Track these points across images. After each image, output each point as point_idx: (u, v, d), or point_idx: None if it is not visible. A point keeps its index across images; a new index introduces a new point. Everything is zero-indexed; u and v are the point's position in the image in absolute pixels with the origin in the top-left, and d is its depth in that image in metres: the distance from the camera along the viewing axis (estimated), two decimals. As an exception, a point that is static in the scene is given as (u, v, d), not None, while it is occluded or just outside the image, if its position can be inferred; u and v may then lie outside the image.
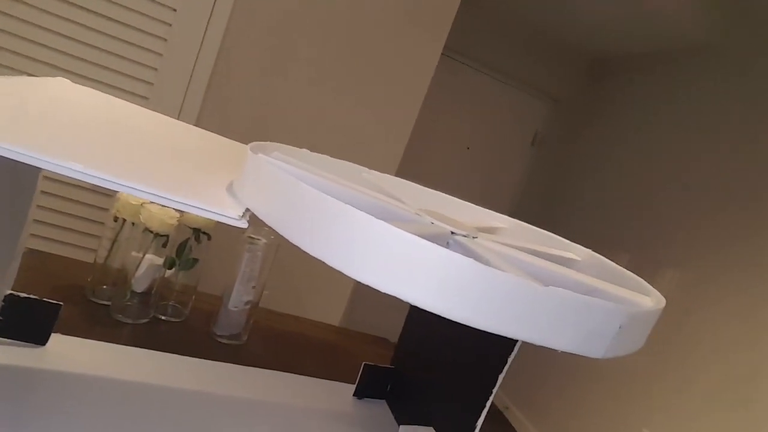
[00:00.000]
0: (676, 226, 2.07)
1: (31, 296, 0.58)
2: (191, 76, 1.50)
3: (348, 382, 0.76)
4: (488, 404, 0.57)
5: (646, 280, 0.42)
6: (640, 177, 2.32)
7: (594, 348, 0.29)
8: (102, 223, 0.77)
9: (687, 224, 2.03)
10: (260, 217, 0.29)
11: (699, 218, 1.98)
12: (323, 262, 0.26)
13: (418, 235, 0.25)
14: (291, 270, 1.81)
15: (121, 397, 0.57)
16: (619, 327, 0.29)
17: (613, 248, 2.31)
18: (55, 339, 0.61)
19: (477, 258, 0.29)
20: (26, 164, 0.26)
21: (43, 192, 0.86)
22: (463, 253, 0.25)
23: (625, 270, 0.46)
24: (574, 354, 0.29)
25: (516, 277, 0.26)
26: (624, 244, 2.28)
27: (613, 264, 0.48)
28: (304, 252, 0.26)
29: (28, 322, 0.59)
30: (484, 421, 0.57)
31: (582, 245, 0.52)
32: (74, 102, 0.49)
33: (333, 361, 0.85)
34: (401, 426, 0.63)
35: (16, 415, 0.48)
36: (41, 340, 0.60)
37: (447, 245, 0.37)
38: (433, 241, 0.25)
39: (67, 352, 0.61)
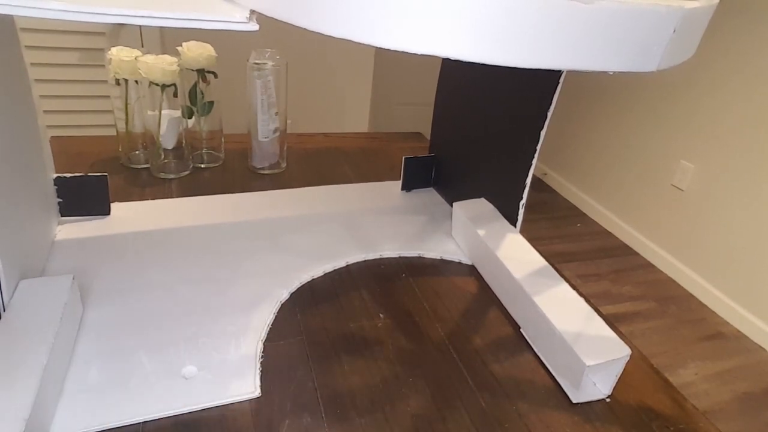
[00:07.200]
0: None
1: (77, 174, 0.60)
2: None
3: (393, 181, 0.79)
4: (534, 161, 0.58)
5: None
6: None
7: (648, 60, 0.27)
8: (108, 97, 0.75)
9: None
10: (269, 14, 0.26)
11: None
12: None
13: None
14: (307, 90, 1.76)
15: (188, 241, 0.61)
16: (674, 31, 0.27)
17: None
18: (116, 207, 0.65)
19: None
20: None
21: (37, 80, 0.82)
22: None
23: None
24: (625, 73, 0.28)
25: (558, -1, 0.23)
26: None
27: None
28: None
29: (85, 197, 0.62)
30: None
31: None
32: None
33: (373, 165, 0.88)
34: (454, 203, 0.66)
35: (106, 275, 0.54)
36: (104, 210, 0.63)
37: None
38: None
39: (130, 216, 0.64)
